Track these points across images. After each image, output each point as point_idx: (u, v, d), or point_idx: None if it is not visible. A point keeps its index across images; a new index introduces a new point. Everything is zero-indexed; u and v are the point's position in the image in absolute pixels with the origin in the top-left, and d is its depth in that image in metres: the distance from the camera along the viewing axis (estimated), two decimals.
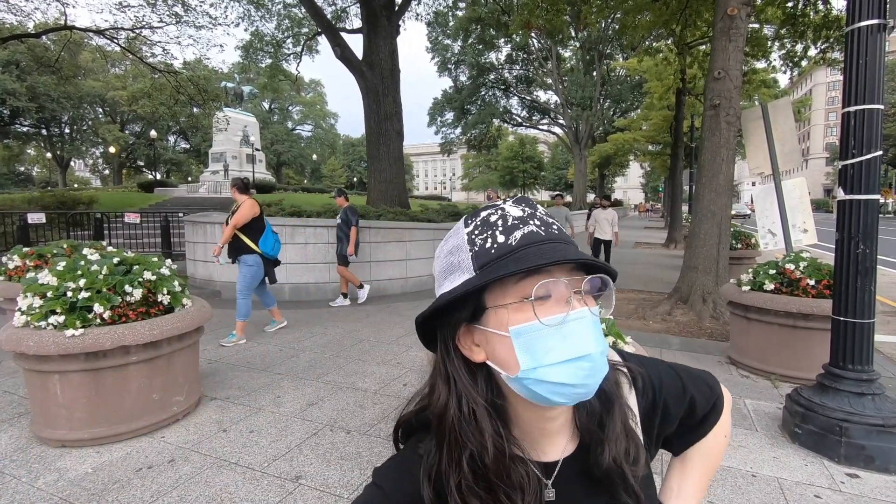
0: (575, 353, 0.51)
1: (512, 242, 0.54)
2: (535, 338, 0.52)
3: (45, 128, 36.31)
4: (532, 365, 0.52)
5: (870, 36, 2.74)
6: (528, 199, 0.60)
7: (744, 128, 5.94)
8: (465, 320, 0.57)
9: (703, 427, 0.75)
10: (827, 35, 9.97)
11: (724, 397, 0.77)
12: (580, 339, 0.52)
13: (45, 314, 2.83)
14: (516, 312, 0.53)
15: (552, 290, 0.53)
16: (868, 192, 2.79)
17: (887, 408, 2.75)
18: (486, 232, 0.55)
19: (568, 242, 0.55)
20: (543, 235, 0.54)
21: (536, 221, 0.56)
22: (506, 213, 0.56)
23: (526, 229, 0.55)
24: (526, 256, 0.52)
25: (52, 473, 2.61)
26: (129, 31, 14.90)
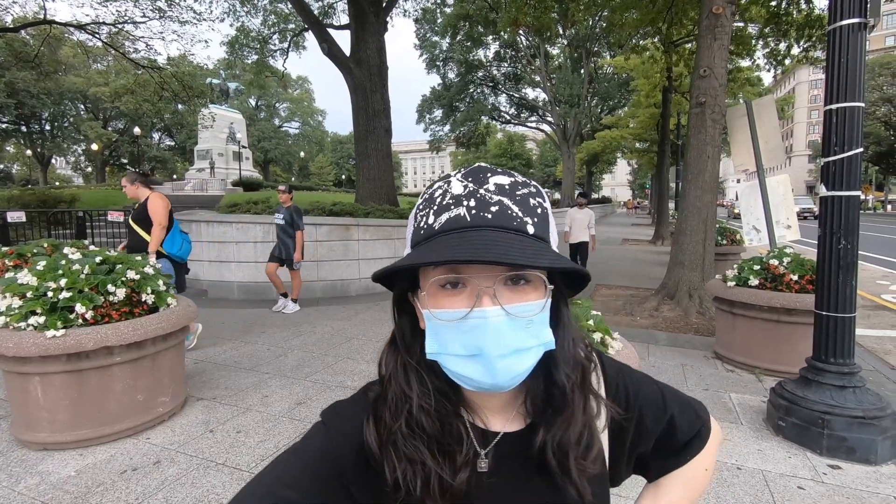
0: (467, 351, 0.51)
1: (436, 226, 0.52)
2: (439, 326, 0.52)
3: (24, 124, 35.52)
4: (436, 350, 0.53)
5: (851, 34, 2.78)
6: (480, 170, 0.55)
7: (729, 125, 6.01)
8: (408, 290, 0.58)
9: (684, 454, 0.69)
10: (810, 34, 10.14)
11: (711, 428, 0.72)
12: (476, 339, 0.50)
13: (24, 315, 2.77)
14: (431, 297, 0.53)
15: (466, 282, 0.51)
16: (849, 188, 2.84)
17: (868, 400, 2.81)
18: (426, 209, 0.54)
19: (504, 227, 0.51)
20: (468, 221, 0.50)
21: (472, 202, 0.52)
22: (447, 190, 0.54)
23: (455, 212, 0.51)
24: (438, 244, 0.50)
25: (33, 477, 2.56)
26: (111, 26, 14.61)
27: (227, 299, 7.25)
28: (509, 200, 0.52)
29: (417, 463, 0.54)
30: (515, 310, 0.51)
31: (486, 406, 0.60)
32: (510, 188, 0.54)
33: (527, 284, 0.52)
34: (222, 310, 6.56)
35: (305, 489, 0.56)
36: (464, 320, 0.50)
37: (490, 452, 0.58)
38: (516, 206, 0.52)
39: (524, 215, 0.53)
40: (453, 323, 0.51)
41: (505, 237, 0.50)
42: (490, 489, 0.57)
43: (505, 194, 0.53)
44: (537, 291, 0.53)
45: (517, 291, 0.52)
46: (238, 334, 5.38)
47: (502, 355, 0.50)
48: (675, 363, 4.46)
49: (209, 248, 7.47)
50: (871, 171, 46.88)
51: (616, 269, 10.68)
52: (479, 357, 0.50)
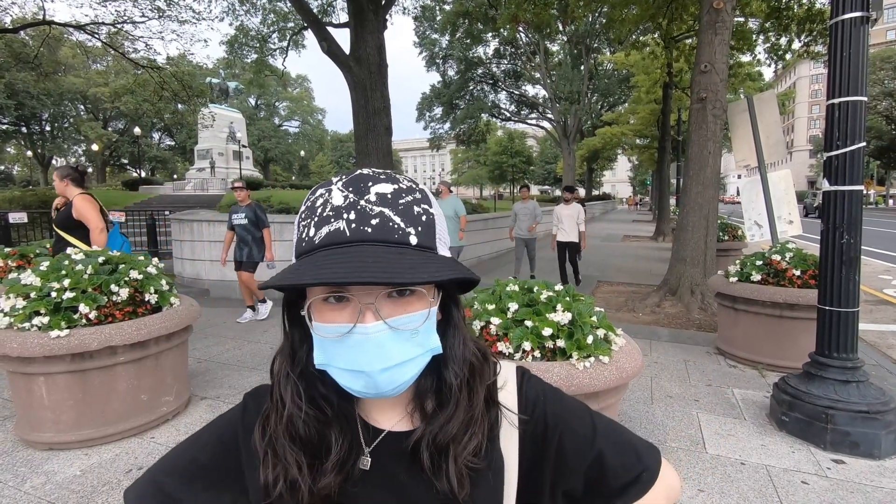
0: (352, 366, 0.51)
1: (316, 240, 0.51)
2: (324, 339, 0.52)
3: (24, 125, 35.49)
4: (323, 362, 0.53)
5: (853, 28, 2.77)
6: (361, 179, 0.54)
7: (730, 121, 6.00)
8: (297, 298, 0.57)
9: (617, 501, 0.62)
10: (811, 28, 10.10)
11: (656, 474, 0.63)
12: (358, 354, 0.50)
13: (28, 315, 2.77)
14: (316, 311, 0.53)
15: (351, 297, 0.51)
16: (852, 182, 2.84)
17: (871, 394, 2.81)
18: (307, 220, 0.53)
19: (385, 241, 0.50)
20: (347, 236, 0.50)
21: (352, 214, 0.51)
22: (327, 200, 0.52)
23: (334, 225, 0.50)
24: (319, 262, 0.49)
25: (39, 476, 2.57)
26: (110, 26, 14.60)
27: (229, 298, 7.26)
28: (391, 211, 0.51)
29: (290, 466, 0.55)
30: (399, 322, 0.51)
31: (375, 405, 0.61)
32: (392, 197, 0.52)
33: (411, 296, 0.52)
34: (224, 309, 6.57)
35: (212, 453, 0.61)
36: (348, 335, 0.50)
37: (374, 450, 0.59)
38: (398, 217, 0.52)
39: (406, 226, 0.52)
40: (337, 338, 0.51)
41: (385, 253, 0.49)
42: (370, 487, 0.58)
43: (387, 205, 0.52)
44: (422, 301, 0.53)
45: (401, 304, 0.52)
46: (241, 333, 5.39)
47: (385, 369, 0.51)
48: (677, 359, 4.46)
49: (210, 247, 7.47)
50: (873, 166, 46.78)
51: (617, 265, 10.68)
52: (362, 373, 0.51)
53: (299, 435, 0.56)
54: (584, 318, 2.25)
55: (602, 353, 2.18)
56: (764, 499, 2.36)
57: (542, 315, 2.22)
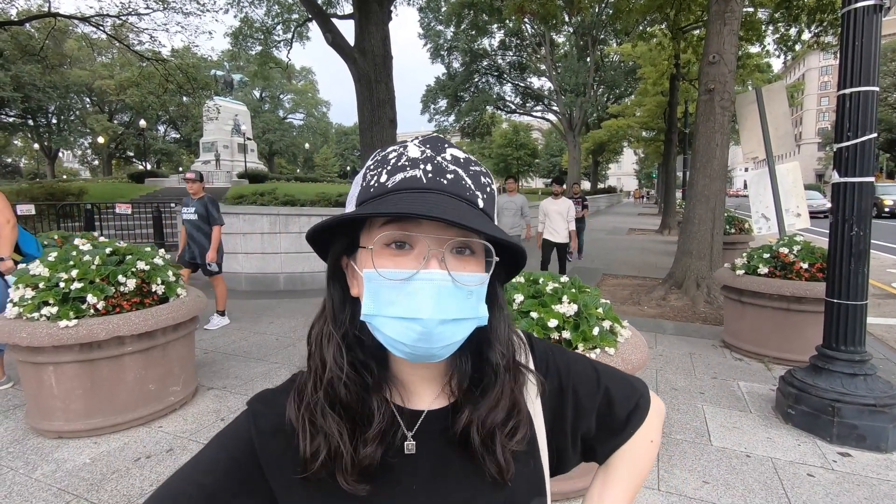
0: (407, 314, 0.50)
1: (389, 184, 0.51)
2: (380, 286, 0.51)
3: (31, 118, 35.62)
4: (372, 312, 0.52)
5: (866, 17, 2.73)
6: (438, 140, 0.56)
7: (738, 112, 5.94)
8: (343, 252, 0.57)
9: (627, 429, 0.68)
10: (821, 18, 9.96)
11: (649, 399, 0.71)
12: (418, 301, 0.49)
13: (37, 305, 2.80)
14: (376, 256, 0.51)
15: (414, 243, 0.51)
16: (862, 174, 2.81)
17: (879, 388, 2.79)
18: (378, 169, 0.53)
19: (458, 195, 0.51)
20: (424, 183, 0.51)
21: (429, 166, 0.52)
22: (403, 153, 0.53)
23: (410, 173, 0.51)
24: (391, 202, 0.50)
25: (49, 464, 2.61)
26: (115, 18, 14.57)
27: (234, 290, 7.29)
28: (464, 172, 0.53)
29: (331, 435, 0.53)
30: (461, 278, 0.51)
31: (411, 383, 0.60)
32: (465, 162, 0.55)
33: (472, 255, 0.53)
34: (230, 300, 6.59)
35: (221, 472, 0.56)
36: (408, 281, 0.50)
37: (416, 433, 0.58)
38: (469, 179, 0.53)
39: (476, 189, 0.53)
40: (397, 283, 0.50)
41: (457, 203, 0.50)
42: (415, 469, 0.57)
43: (460, 166, 0.54)
44: (480, 265, 0.54)
45: (462, 260, 0.52)
46: (246, 325, 5.42)
47: (443, 321, 0.50)
48: (682, 352, 4.45)
49: None
50: (882, 159, 46.23)
51: (622, 258, 10.64)
52: (419, 321, 0.49)
53: (340, 399, 0.55)
54: (589, 310, 2.24)
55: (608, 345, 2.18)
56: (769, 491, 2.36)
57: (548, 306, 2.22)
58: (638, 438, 0.69)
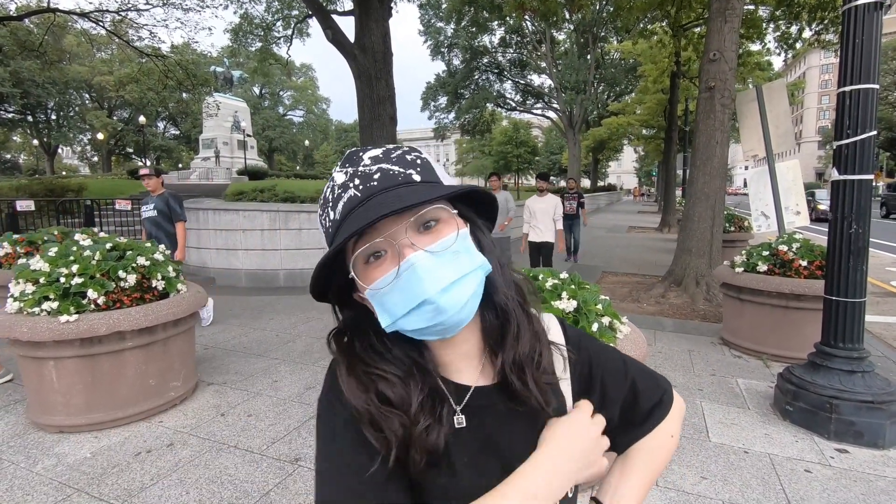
0: (414, 302, 0.52)
1: (337, 216, 0.55)
2: (381, 296, 0.54)
3: (30, 114, 35.55)
4: (389, 320, 0.55)
5: (867, 14, 2.73)
6: (353, 154, 0.59)
7: (738, 110, 5.93)
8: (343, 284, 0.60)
9: (649, 422, 0.71)
10: (822, 16, 9.95)
11: (672, 396, 0.74)
12: (414, 288, 0.52)
13: (38, 300, 2.80)
14: (362, 277, 0.55)
15: (384, 247, 0.54)
16: (862, 172, 2.81)
17: (877, 385, 2.80)
18: (325, 210, 0.58)
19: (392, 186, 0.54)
20: (360, 197, 0.54)
21: (356, 181, 0.55)
22: (333, 185, 0.57)
23: (346, 196, 0.55)
24: (346, 228, 0.53)
25: (50, 458, 2.62)
26: (114, 14, 14.53)
27: (234, 287, 7.30)
28: (387, 164, 0.56)
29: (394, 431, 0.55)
30: (436, 247, 0.54)
31: (452, 363, 0.62)
32: (384, 155, 0.57)
33: (437, 224, 0.55)
34: (230, 297, 6.61)
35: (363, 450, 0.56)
36: (397, 279, 0.53)
37: (464, 408, 0.60)
38: (395, 166, 0.56)
39: (406, 169, 0.56)
40: (390, 286, 0.53)
41: (394, 193, 0.53)
42: (466, 443, 0.59)
43: (381, 161, 0.56)
44: (449, 226, 0.56)
45: (433, 232, 0.55)
46: (247, 321, 5.43)
47: (443, 289, 0.52)
48: (681, 349, 4.46)
49: (216, 235, 7.51)
50: (883, 158, 46.21)
51: (622, 256, 10.65)
52: (424, 303, 0.52)
53: (387, 396, 0.57)
54: (589, 306, 2.25)
55: (607, 341, 2.19)
56: (766, 487, 2.37)
57: (548, 302, 2.23)
58: (659, 432, 0.71)
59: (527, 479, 0.57)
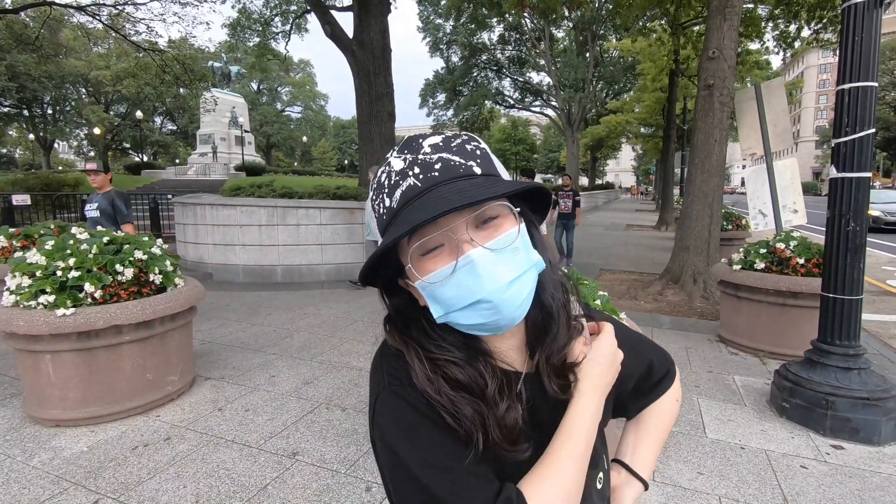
0: (471, 298, 0.52)
1: (394, 205, 0.54)
2: (434, 289, 0.54)
3: (26, 108, 35.35)
4: (442, 312, 0.55)
5: (866, 12, 2.73)
6: (412, 140, 0.58)
7: (737, 108, 5.94)
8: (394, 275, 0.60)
9: (657, 390, 0.78)
10: (820, 15, 9.96)
11: (675, 369, 0.83)
12: (472, 285, 0.52)
13: (34, 293, 2.79)
14: (417, 268, 0.55)
15: (442, 240, 0.53)
16: (860, 169, 2.81)
17: (873, 382, 2.82)
18: (380, 195, 0.56)
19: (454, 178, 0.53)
20: (421, 186, 0.53)
21: (416, 169, 0.54)
22: (390, 171, 0.56)
23: (404, 185, 0.54)
24: (403, 219, 0.52)
25: (46, 452, 2.61)
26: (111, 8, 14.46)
27: (232, 282, 7.29)
28: (448, 154, 0.55)
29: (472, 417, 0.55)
30: (495, 244, 0.53)
31: (501, 353, 0.63)
32: (444, 144, 0.56)
33: (495, 220, 0.55)
34: (228, 292, 6.60)
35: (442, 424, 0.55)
36: (454, 274, 0.52)
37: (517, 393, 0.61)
38: (456, 157, 0.55)
39: (466, 160, 0.55)
40: (446, 281, 0.53)
41: (456, 186, 0.52)
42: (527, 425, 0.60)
43: (442, 150, 0.55)
44: (509, 222, 0.55)
45: (490, 229, 0.54)
46: (244, 316, 5.42)
47: (500, 288, 0.52)
48: (678, 346, 4.48)
49: (214, 231, 7.48)
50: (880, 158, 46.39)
51: (620, 254, 10.67)
52: (482, 301, 0.52)
53: (459, 380, 0.56)
54: (587, 301, 2.25)
55: None
56: (763, 482, 2.38)
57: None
58: (667, 397, 0.80)
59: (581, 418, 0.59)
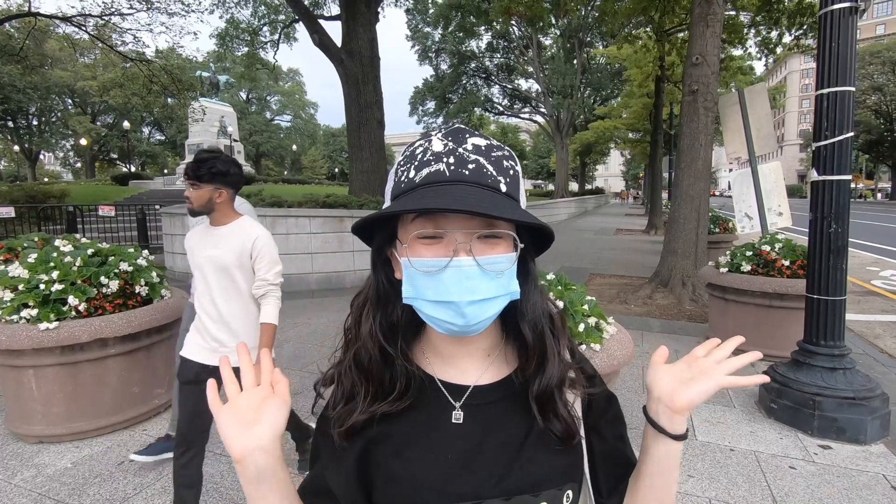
0: (442, 297, 0.55)
1: (417, 179, 0.55)
2: (415, 273, 0.56)
3: (11, 120, 34.91)
4: (412, 295, 0.57)
5: (841, 19, 2.79)
6: (459, 131, 0.58)
7: (721, 113, 6.03)
8: (386, 242, 0.61)
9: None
10: (801, 22, 10.15)
11: None
12: (450, 287, 0.54)
13: (16, 308, 2.74)
14: (410, 247, 0.56)
15: (443, 234, 0.55)
16: (840, 172, 2.87)
17: (858, 381, 2.85)
18: (407, 164, 0.57)
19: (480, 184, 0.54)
20: (447, 176, 0.54)
21: (451, 158, 0.55)
22: (427, 147, 0.57)
23: (434, 167, 0.55)
24: (418, 196, 0.54)
25: (29, 469, 2.56)
26: (97, 18, 14.35)
27: None
28: (485, 160, 0.56)
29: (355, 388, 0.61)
30: (487, 262, 0.55)
31: (454, 357, 0.64)
32: (486, 150, 0.57)
33: (499, 239, 0.57)
34: None
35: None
36: (441, 270, 0.54)
37: (464, 405, 0.62)
38: (491, 166, 0.56)
39: (497, 174, 0.56)
40: (431, 272, 0.55)
41: (480, 192, 0.53)
42: (456, 441, 0.61)
43: (481, 154, 0.56)
44: (507, 246, 0.57)
45: (489, 245, 0.56)
46: None
47: (472, 301, 0.54)
48: (668, 349, 4.49)
49: None
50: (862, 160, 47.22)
51: (610, 258, 10.73)
52: (451, 304, 0.54)
53: (363, 364, 0.61)
54: (575, 307, 2.26)
55: (593, 341, 2.20)
56: (752, 484, 2.39)
57: None
58: None
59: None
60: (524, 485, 0.59)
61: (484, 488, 0.58)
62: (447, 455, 0.59)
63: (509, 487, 0.59)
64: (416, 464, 0.59)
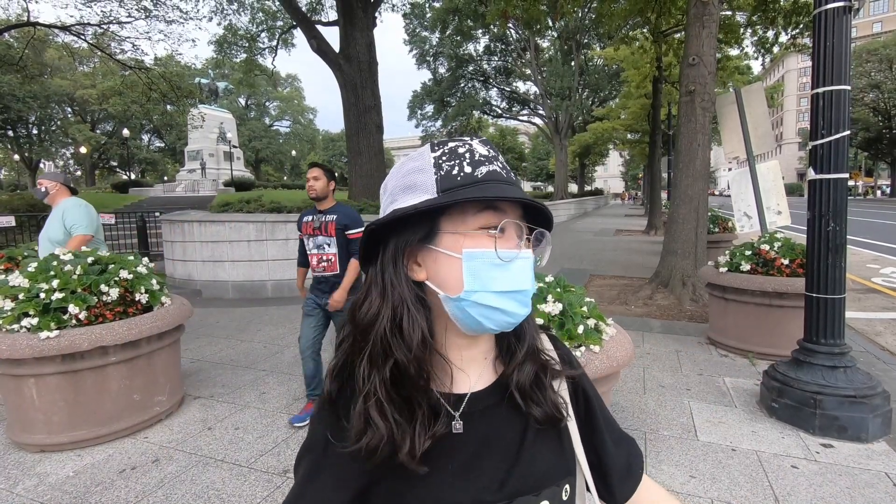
0: (516, 287, 0.58)
1: (478, 175, 0.58)
2: (484, 265, 0.57)
3: (10, 129, 35.03)
4: (475, 288, 0.56)
5: (836, 18, 2.80)
6: (492, 143, 0.64)
7: (718, 113, 6.04)
8: (419, 238, 0.59)
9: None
10: (797, 21, 10.18)
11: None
12: (522, 276, 0.58)
13: (17, 317, 2.75)
14: (472, 239, 0.57)
15: (507, 228, 0.58)
16: (837, 171, 2.87)
17: (858, 379, 2.85)
18: (454, 161, 0.59)
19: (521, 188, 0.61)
20: (505, 176, 0.59)
21: (499, 164, 0.60)
22: (473, 149, 0.60)
23: (491, 167, 0.59)
24: (490, 189, 0.56)
25: (31, 479, 2.56)
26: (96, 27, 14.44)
27: (221, 298, 7.23)
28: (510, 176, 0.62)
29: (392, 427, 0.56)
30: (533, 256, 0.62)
31: (457, 364, 0.63)
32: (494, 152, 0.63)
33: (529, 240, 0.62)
34: (217, 309, 6.54)
35: None
36: (513, 261, 0.57)
37: (463, 414, 0.61)
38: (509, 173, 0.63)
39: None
40: (501, 263, 0.57)
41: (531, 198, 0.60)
42: (456, 451, 0.60)
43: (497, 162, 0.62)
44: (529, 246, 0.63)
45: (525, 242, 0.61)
46: (234, 333, 5.37)
47: (532, 289, 0.60)
48: (669, 350, 4.50)
49: (202, 247, 7.43)
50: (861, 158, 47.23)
51: (610, 259, 10.73)
52: (519, 293, 0.58)
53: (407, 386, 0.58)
54: (574, 309, 2.26)
55: (593, 343, 2.20)
56: (754, 484, 2.39)
57: (533, 306, 2.24)
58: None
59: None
60: (525, 486, 0.60)
61: (486, 494, 0.59)
62: (448, 466, 0.59)
63: (511, 490, 0.59)
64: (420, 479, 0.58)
